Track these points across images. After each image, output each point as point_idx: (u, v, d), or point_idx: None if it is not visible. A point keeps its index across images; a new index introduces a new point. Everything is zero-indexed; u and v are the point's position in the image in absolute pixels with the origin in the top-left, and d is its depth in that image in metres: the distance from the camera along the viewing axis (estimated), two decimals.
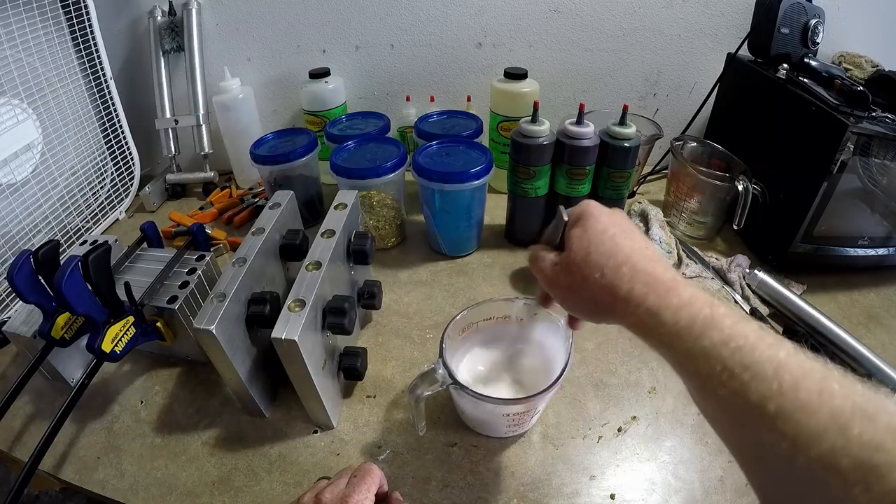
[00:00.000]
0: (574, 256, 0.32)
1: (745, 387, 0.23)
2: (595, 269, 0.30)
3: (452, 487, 0.45)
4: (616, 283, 0.30)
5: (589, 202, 0.35)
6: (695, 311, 0.27)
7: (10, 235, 0.65)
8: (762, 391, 0.23)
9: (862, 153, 0.56)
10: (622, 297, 0.29)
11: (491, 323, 0.50)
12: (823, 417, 0.21)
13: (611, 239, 0.31)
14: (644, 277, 0.29)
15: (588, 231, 0.32)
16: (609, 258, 0.30)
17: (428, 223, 0.73)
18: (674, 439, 0.48)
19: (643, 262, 0.30)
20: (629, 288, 0.29)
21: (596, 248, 0.31)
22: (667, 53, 0.85)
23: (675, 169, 0.76)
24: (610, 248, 0.31)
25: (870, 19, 0.80)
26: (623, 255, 0.30)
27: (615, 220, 0.33)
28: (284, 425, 0.51)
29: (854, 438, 0.20)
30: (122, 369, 0.58)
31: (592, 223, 0.32)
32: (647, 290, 0.29)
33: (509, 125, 0.77)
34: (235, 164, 0.90)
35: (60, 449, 0.50)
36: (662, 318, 0.27)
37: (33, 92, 0.69)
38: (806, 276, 0.66)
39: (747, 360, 0.24)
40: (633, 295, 0.29)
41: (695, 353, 0.26)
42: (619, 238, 0.32)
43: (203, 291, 0.55)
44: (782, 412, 0.22)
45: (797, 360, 0.24)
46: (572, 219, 0.34)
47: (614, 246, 0.31)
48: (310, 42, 0.88)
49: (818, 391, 0.22)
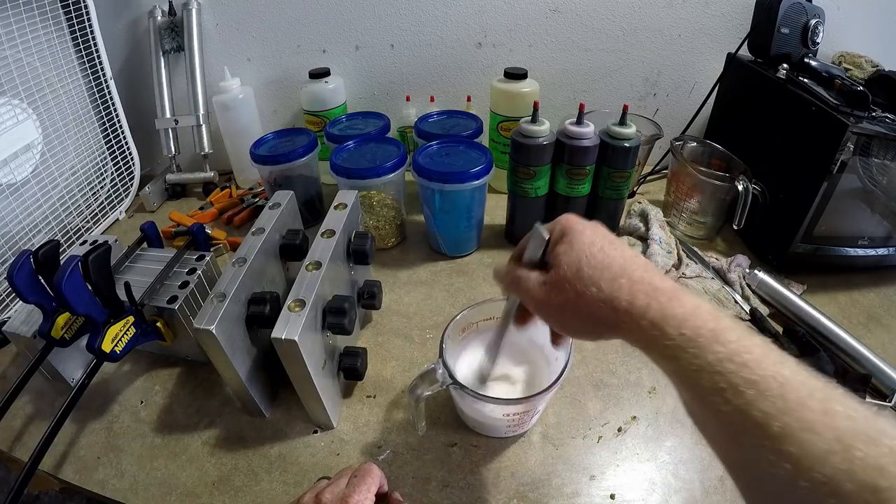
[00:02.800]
0: (565, 273, 0.30)
1: (748, 404, 0.23)
2: (590, 283, 0.29)
3: (452, 487, 0.45)
4: (615, 295, 0.28)
5: (567, 216, 0.34)
6: (699, 323, 0.26)
7: (10, 235, 0.65)
8: (767, 409, 0.22)
9: (862, 153, 0.56)
10: (623, 309, 0.28)
11: (491, 323, 0.50)
12: (828, 439, 0.21)
13: (601, 251, 0.30)
14: (644, 287, 0.28)
15: (575, 246, 0.31)
16: (604, 271, 0.29)
17: (428, 223, 0.73)
18: (674, 439, 0.48)
19: (640, 272, 0.29)
20: (630, 300, 0.28)
21: (587, 262, 0.30)
22: (667, 53, 0.85)
23: (675, 169, 0.76)
24: (602, 261, 0.30)
25: (870, 19, 0.80)
26: (618, 267, 0.29)
27: (599, 231, 0.32)
28: (284, 425, 0.51)
29: (857, 462, 0.20)
30: (122, 369, 0.58)
31: (577, 237, 0.31)
32: (648, 300, 0.28)
33: (509, 125, 0.77)
34: (235, 164, 0.90)
35: (60, 449, 0.50)
36: (666, 329, 0.26)
37: (33, 92, 0.69)
38: (806, 276, 0.66)
39: (752, 376, 0.23)
40: (635, 306, 0.28)
41: (698, 368, 0.25)
42: (608, 249, 0.31)
43: (203, 291, 0.55)
44: (787, 432, 0.21)
45: (801, 377, 0.23)
46: (554, 235, 0.33)
47: (606, 258, 0.30)
48: (310, 42, 0.88)
49: (823, 411, 0.21)
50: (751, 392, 0.23)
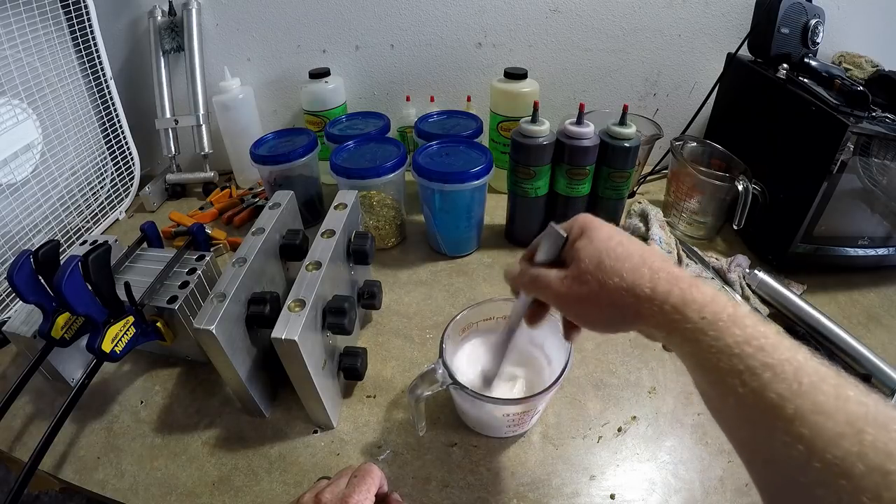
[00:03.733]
0: (587, 266, 0.32)
1: (764, 386, 0.24)
2: (612, 273, 0.30)
3: (452, 487, 0.45)
4: (637, 282, 0.30)
5: (583, 215, 0.35)
6: (719, 308, 0.27)
7: (10, 235, 0.65)
8: (782, 391, 0.23)
9: (862, 153, 0.56)
10: (646, 295, 0.29)
11: (491, 323, 0.50)
12: (840, 422, 0.21)
13: (619, 244, 0.32)
14: (664, 275, 0.29)
15: (594, 241, 0.32)
16: (624, 261, 0.31)
17: (428, 223, 0.73)
18: (674, 439, 0.48)
19: (658, 262, 0.30)
20: (652, 287, 0.29)
21: (608, 255, 0.31)
22: (667, 53, 0.85)
23: (675, 169, 0.76)
24: (622, 253, 0.31)
25: (870, 19, 0.80)
26: (637, 258, 0.31)
27: (616, 229, 0.34)
28: (284, 425, 0.51)
29: (868, 445, 0.20)
30: (122, 369, 0.58)
31: (596, 233, 0.33)
32: (669, 287, 0.29)
33: (509, 125, 0.77)
34: (235, 164, 0.90)
35: (60, 449, 0.50)
36: (687, 313, 0.27)
37: (33, 92, 0.69)
38: (806, 276, 0.66)
39: (769, 359, 0.24)
40: (658, 292, 0.29)
41: (718, 349, 0.26)
42: (626, 243, 0.32)
43: (203, 291, 0.55)
44: (800, 413, 0.22)
45: (814, 363, 0.24)
46: (574, 232, 0.34)
47: (625, 251, 0.31)
48: (310, 42, 0.88)
49: (835, 395, 0.22)
50: (767, 374, 0.24)
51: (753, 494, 0.26)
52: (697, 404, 0.51)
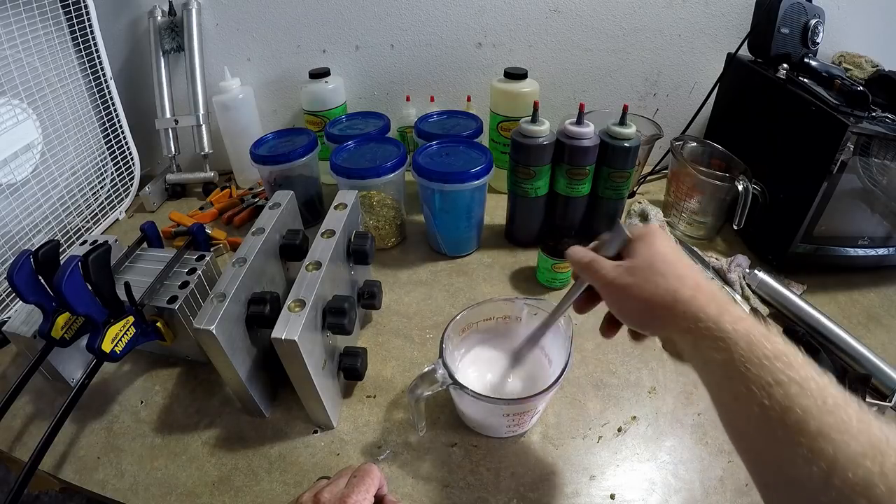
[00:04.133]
0: (640, 262, 0.34)
1: (790, 400, 0.24)
2: (659, 273, 0.33)
3: (452, 487, 0.45)
4: (679, 287, 0.32)
5: (652, 225, 0.39)
6: (750, 325, 0.29)
7: (10, 235, 0.65)
8: (808, 406, 0.24)
9: (862, 153, 0.56)
10: (684, 300, 0.31)
11: (491, 323, 0.51)
12: (862, 443, 0.22)
13: (673, 253, 0.35)
14: (706, 291, 0.32)
15: (653, 246, 0.35)
16: (674, 267, 0.33)
17: (428, 223, 0.73)
18: (674, 439, 0.48)
19: (703, 281, 0.33)
20: (692, 294, 0.31)
21: (661, 259, 0.34)
22: (667, 53, 0.85)
23: (675, 169, 0.76)
24: (673, 260, 0.34)
25: (870, 19, 0.80)
26: (686, 268, 0.33)
27: (675, 243, 0.37)
28: (284, 425, 0.51)
29: (890, 468, 0.21)
30: (122, 369, 0.58)
31: (657, 241, 0.35)
32: (707, 300, 0.31)
33: (509, 125, 0.77)
34: (235, 164, 0.90)
35: (60, 449, 0.50)
36: (721, 324, 0.29)
37: (33, 92, 0.69)
38: (806, 276, 0.66)
39: (796, 375, 0.25)
40: (696, 301, 0.31)
41: (747, 359, 0.27)
42: (680, 255, 0.35)
43: (203, 291, 0.55)
44: (824, 431, 0.23)
45: (837, 388, 0.25)
46: (637, 233, 0.37)
47: (678, 261, 0.34)
48: (310, 42, 0.88)
49: (858, 419, 0.23)
50: (794, 389, 0.25)
51: (753, 494, 0.26)
52: (697, 404, 0.51)
